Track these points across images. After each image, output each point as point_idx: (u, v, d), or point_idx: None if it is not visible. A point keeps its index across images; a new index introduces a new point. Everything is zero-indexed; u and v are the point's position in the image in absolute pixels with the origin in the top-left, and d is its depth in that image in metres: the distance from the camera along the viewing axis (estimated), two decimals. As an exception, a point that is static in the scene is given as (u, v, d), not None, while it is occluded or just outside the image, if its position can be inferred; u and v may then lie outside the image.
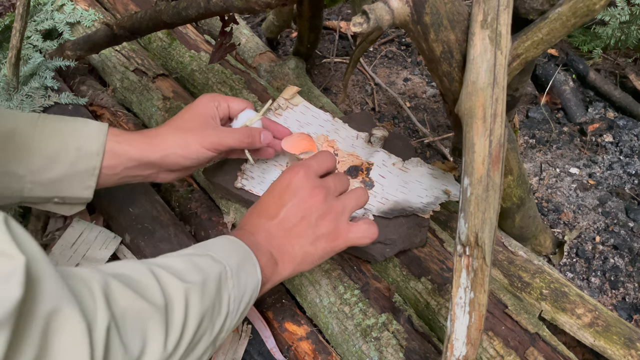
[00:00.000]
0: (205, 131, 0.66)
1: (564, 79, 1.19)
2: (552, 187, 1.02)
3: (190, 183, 0.89)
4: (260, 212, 0.61)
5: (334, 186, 0.61)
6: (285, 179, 0.61)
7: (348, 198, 0.62)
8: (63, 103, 1.00)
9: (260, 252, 0.56)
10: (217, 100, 0.69)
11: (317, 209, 0.59)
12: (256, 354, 0.67)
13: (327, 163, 0.63)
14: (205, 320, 0.47)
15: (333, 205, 0.60)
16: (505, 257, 0.77)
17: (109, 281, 0.40)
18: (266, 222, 0.59)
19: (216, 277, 0.49)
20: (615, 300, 0.85)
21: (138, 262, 0.47)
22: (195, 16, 0.72)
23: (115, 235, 0.81)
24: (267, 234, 0.59)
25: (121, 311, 0.39)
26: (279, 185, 0.61)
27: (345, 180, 0.65)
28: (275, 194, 0.61)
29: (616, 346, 0.67)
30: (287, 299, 0.73)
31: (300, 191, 0.59)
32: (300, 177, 0.60)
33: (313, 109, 0.84)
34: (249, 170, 0.76)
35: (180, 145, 0.64)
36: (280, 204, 0.59)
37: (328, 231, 0.59)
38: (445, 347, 0.52)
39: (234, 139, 0.66)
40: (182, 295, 0.45)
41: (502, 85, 0.51)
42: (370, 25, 0.48)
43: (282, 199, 0.59)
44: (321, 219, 0.59)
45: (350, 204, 0.61)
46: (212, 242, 0.55)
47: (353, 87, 1.27)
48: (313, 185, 0.59)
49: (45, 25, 1.16)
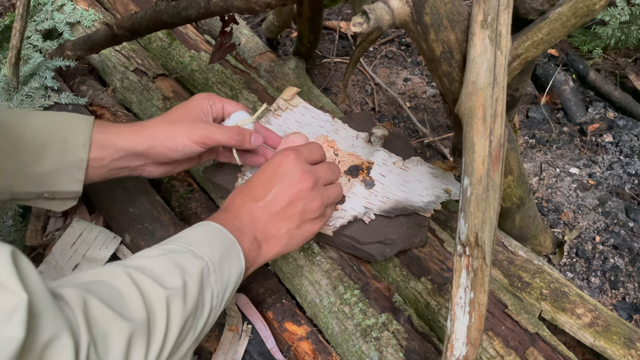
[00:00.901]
0: (195, 125, 0.65)
1: (564, 79, 1.19)
2: (552, 187, 1.02)
3: (190, 183, 0.89)
4: (247, 193, 0.60)
5: (325, 175, 0.62)
6: (275, 161, 0.60)
7: (335, 188, 0.63)
8: (63, 103, 1.00)
9: (244, 236, 0.56)
10: (212, 99, 0.69)
11: (306, 195, 0.59)
12: (256, 354, 0.67)
13: (317, 152, 0.64)
14: (188, 322, 0.47)
15: (321, 193, 0.61)
16: (505, 257, 0.77)
17: (89, 301, 0.40)
18: (252, 204, 0.59)
19: (198, 275, 0.48)
20: (615, 300, 0.85)
21: (118, 267, 0.46)
22: (195, 16, 0.72)
23: (115, 235, 0.81)
24: (251, 217, 0.58)
25: (102, 332, 0.39)
26: (268, 168, 0.60)
27: (336, 171, 0.65)
28: (264, 176, 0.60)
29: (616, 346, 0.67)
30: (287, 299, 0.73)
31: (290, 175, 0.59)
32: (290, 161, 0.60)
33: (312, 109, 0.84)
34: (249, 172, 0.76)
35: (168, 136, 0.63)
36: (268, 186, 0.59)
37: (315, 217, 0.60)
38: (445, 347, 0.52)
39: (223, 135, 0.65)
40: (163, 304, 0.44)
41: (502, 85, 0.51)
42: (370, 25, 0.48)
43: (271, 181, 0.59)
44: (309, 205, 0.59)
45: (335, 195, 0.63)
46: (195, 233, 0.54)
47: (353, 87, 1.27)
48: (303, 170, 0.59)
49: (45, 25, 1.16)
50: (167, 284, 0.46)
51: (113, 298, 0.42)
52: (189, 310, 0.46)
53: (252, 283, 0.74)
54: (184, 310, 0.46)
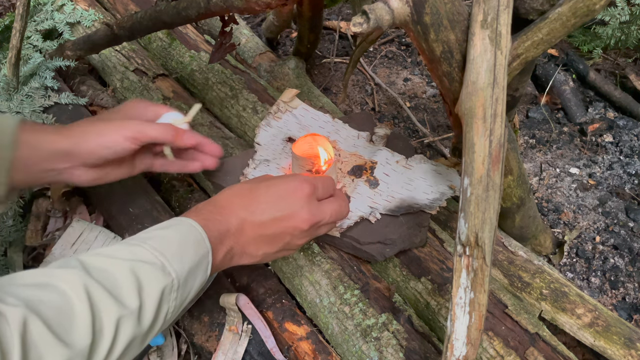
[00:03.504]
0: (127, 121, 0.62)
1: (564, 79, 1.19)
2: (552, 187, 1.02)
3: (190, 183, 0.89)
4: (247, 202, 0.57)
5: (329, 218, 0.60)
6: (289, 186, 0.58)
7: (328, 227, 0.63)
8: (63, 103, 1.00)
9: (221, 245, 0.54)
10: (145, 103, 0.68)
11: (299, 233, 0.58)
12: (256, 354, 0.67)
13: (330, 189, 0.63)
14: (135, 342, 0.45)
15: (313, 233, 0.60)
16: (505, 257, 0.77)
17: (30, 323, 0.38)
18: (247, 216, 0.56)
19: (158, 295, 0.46)
20: (615, 300, 0.85)
21: (78, 272, 0.43)
22: (195, 16, 0.72)
23: (115, 235, 0.81)
24: (239, 229, 0.56)
25: (37, 357, 0.37)
26: (280, 189, 0.58)
27: (344, 212, 0.63)
28: (272, 193, 0.58)
29: (616, 346, 0.67)
30: (287, 299, 0.73)
31: (296, 209, 0.57)
32: (303, 195, 0.58)
33: (312, 110, 0.84)
34: (252, 174, 0.76)
35: (99, 132, 0.60)
36: (271, 208, 0.57)
37: (294, 248, 0.61)
38: (445, 347, 0.52)
39: (155, 130, 0.62)
40: (113, 326, 0.42)
41: (502, 85, 0.51)
42: (370, 25, 0.48)
43: (276, 204, 0.57)
44: (296, 241, 0.59)
45: (324, 231, 0.63)
46: (172, 235, 0.51)
47: (353, 87, 1.27)
48: (309, 211, 0.58)
49: (45, 25, 1.16)
50: (124, 301, 0.44)
51: (60, 316, 0.40)
52: (139, 332, 0.45)
53: (252, 283, 0.74)
54: (133, 332, 0.44)
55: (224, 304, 0.69)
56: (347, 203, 0.64)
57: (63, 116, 0.98)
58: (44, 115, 0.97)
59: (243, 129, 0.95)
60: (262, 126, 0.82)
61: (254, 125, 0.93)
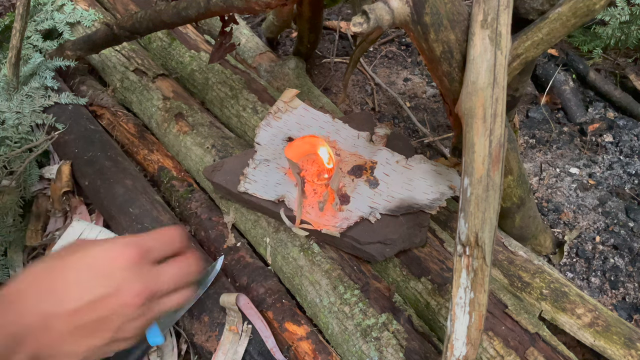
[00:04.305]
0: None
1: (564, 79, 1.19)
2: (552, 187, 1.02)
3: (190, 183, 0.89)
4: (47, 288, 0.42)
5: (167, 286, 0.46)
6: (107, 255, 0.44)
7: (175, 298, 0.47)
8: (63, 103, 1.00)
9: (16, 354, 0.40)
10: None
11: (132, 312, 0.43)
12: (256, 354, 0.67)
13: (170, 247, 0.48)
14: None
15: (152, 309, 0.45)
16: (505, 257, 0.77)
17: None
18: (50, 306, 0.41)
19: None
20: (615, 300, 0.85)
21: None
22: (195, 16, 0.72)
23: (115, 235, 0.81)
24: (43, 326, 0.41)
25: None
26: (93, 260, 0.43)
27: (191, 272, 0.48)
28: (83, 270, 0.43)
29: (616, 346, 0.67)
30: (287, 299, 0.73)
31: (120, 282, 0.43)
32: (128, 263, 0.43)
33: (312, 110, 0.84)
34: (252, 174, 0.76)
35: None
36: (83, 288, 0.42)
37: (131, 336, 0.45)
38: (445, 347, 0.52)
39: None
40: None
41: (502, 85, 0.51)
42: (370, 25, 0.48)
43: (91, 282, 0.42)
44: (129, 324, 0.44)
45: (169, 306, 0.47)
46: None
47: (353, 87, 1.27)
48: (141, 279, 0.44)
49: (45, 25, 1.16)
50: None
51: None
52: None
53: (252, 283, 0.74)
54: None
55: (224, 303, 0.69)
56: (195, 258, 0.49)
57: (63, 116, 0.98)
58: (44, 115, 0.97)
59: (243, 128, 0.95)
60: (262, 126, 0.82)
61: (254, 125, 0.93)
